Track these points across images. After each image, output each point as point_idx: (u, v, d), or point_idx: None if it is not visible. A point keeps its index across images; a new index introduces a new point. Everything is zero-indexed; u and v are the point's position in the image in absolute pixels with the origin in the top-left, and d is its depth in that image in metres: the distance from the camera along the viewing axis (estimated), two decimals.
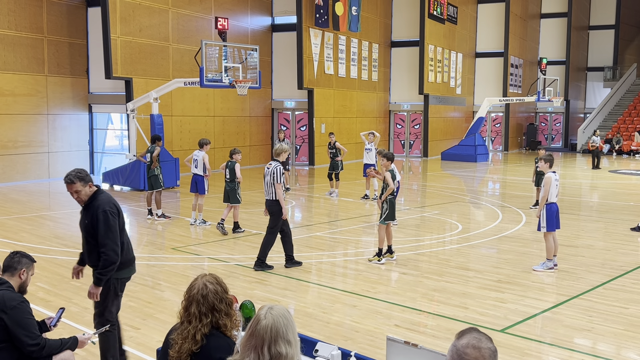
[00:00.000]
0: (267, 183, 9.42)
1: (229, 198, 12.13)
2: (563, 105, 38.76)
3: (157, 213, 13.58)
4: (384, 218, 9.71)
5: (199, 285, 3.36)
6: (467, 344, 2.31)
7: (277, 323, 2.70)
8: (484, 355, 2.29)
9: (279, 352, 2.68)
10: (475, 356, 2.28)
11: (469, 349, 2.30)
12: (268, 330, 2.69)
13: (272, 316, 2.72)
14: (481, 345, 2.31)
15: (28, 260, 4.64)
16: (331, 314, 7.35)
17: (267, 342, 2.68)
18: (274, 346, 2.68)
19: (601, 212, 15.72)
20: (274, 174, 9.29)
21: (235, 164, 12.08)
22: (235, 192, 12.08)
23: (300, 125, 27.57)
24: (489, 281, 8.79)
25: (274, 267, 9.38)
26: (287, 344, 2.70)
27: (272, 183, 9.31)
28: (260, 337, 2.69)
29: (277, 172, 9.29)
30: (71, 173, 5.06)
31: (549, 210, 9.38)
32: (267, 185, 9.41)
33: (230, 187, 12.11)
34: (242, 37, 24.64)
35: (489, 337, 2.38)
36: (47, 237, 11.68)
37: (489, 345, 2.33)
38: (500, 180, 23.54)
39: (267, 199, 9.42)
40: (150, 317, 7.19)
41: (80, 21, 21.37)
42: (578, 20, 40.88)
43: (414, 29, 31.10)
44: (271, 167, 9.35)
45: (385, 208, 9.71)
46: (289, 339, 2.71)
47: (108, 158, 22.62)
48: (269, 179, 9.37)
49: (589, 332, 6.85)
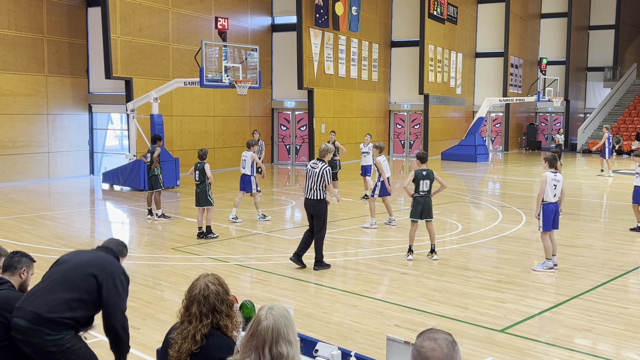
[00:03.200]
0: (313, 182, 9.28)
1: (200, 201, 11.62)
2: (563, 105, 38.75)
3: (157, 213, 13.58)
4: (410, 215, 10.14)
5: (200, 285, 3.36)
6: (424, 337, 2.38)
7: (278, 324, 2.70)
8: (441, 345, 2.33)
9: (280, 352, 2.68)
10: (432, 347, 2.33)
11: (425, 342, 2.35)
12: (269, 331, 2.68)
13: (272, 317, 2.72)
14: (437, 336, 2.36)
15: (28, 259, 4.64)
16: (331, 314, 7.35)
17: (268, 342, 2.68)
18: (276, 347, 2.68)
19: (601, 212, 15.73)
20: (324, 175, 9.23)
21: (205, 164, 11.64)
22: (207, 195, 11.62)
23: (300, 125, 27.57)
24: (489, 281, 8.79)
25: (331, 265, 9.50)
26: (288, 344, 2.70)
27: (320, 183, 9.24)
28: (261, 338, 2.69)
29: (326, 173, 9.24)
30: None
31: (545, 210, 9.33)
32: (313, 184, 9.28)
33: (201, 189, 11.61)
34: (242, 37, 24.64)
35: (447, 333, 2.42)
36: (47, 237, 11.68)
37: (446, 336, 2.38)
38: (500, 180, 23.54)
39: (310, 198, 9.32)
40: (150, 317, 7.19)
41: (80, 21, 21.36)
42: (578, 20, 40.87)
43: (414, 29, 31.10)
44: (319, 168, 9.28)
45: (411, 205, 10.15)
46: (290, 339, 2.71)
47: (108, 158, 22.62)
48: (316, 179, 9.25)
49: (589, 332, 6.85)
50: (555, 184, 9.37)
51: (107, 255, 4.54)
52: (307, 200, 9.39)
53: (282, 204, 16.65)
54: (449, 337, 2.38)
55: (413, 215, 10.03)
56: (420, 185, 10.01)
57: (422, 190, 10.00)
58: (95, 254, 4.55)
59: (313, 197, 9.29)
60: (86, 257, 4.50)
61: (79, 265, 4.38)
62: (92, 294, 4.27)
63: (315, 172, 9.26)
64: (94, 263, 4.40)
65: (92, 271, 4.31)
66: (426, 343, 2.34)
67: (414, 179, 10.00)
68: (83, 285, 4.26)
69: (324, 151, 9.41)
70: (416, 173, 10.00)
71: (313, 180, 9.28)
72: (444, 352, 2.32)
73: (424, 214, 10.00)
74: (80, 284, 4.26)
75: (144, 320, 7.06)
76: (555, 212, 9.41)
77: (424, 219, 10.04)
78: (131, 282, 4.77)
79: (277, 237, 11.90)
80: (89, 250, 4.71)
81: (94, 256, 4.51)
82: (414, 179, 10.00)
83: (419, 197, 10.00)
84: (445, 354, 2.31)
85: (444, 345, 2.33)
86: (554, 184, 9.35)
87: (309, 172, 9.37)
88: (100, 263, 4.41)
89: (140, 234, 12.68)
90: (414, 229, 10.03)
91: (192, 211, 14.58)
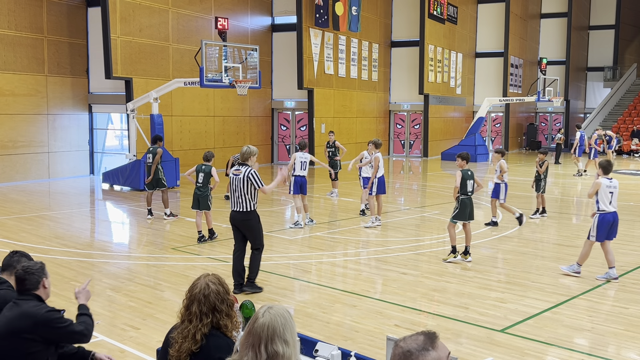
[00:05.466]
0: (240, 191, 8.07)
1: (200, 204, 11.26)
2: (563, 105, 38.74)
3: (165, 212, 13.58)
4: (453, 216, 9.82)
5: (201, 284, 3.37)
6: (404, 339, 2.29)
7: (274, 322, 2.69)
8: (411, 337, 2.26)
9: (276, 351, 2.66)
10: (403, 337, 2.28)
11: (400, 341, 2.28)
12: (265, 329, 2.68)
13: (270, 315, 2.71)
14: (406, 336, 2.29)
15: (27, 260, 4.63)
16: (331, 314, 7.35)
17: (264, 340, 2.67)
18: (271, 345, 2.66)
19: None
20: (251, 178, 8.03)
21: (212, 168, 11.36)
22: (208, 198, 11.30)
23: (300, 125, 27.57)
24: (489, 281, 8.79)
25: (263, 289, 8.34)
26: (284, 344, 2.68)
27: (248, 190, 8.07)
28: (257, 335, 2.68)
29: (253, 175, 8.04)
30: None
31: (602, 221, 8.71)
32: (239, 193, 8.09)
33: (202, 192, 11.26)
34: (242, 37, 24.64)
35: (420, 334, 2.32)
36: (47, 237, 11.67)
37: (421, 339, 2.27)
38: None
39: (237, 210, 8.13)
40: (150, 317, 7.19)
41: (80, 21, 21.36)
42: (578, 20, 40.86)
43: (414, 29, 31.10)
44: (242, 173, 8.09)
45: (456, 206, 9.81)
46: (287, 338, 2.69)
47: (108, 158, 22.62)
48: (242, 186, 8.04)
49: (589, 332, 6.85)
50: (611, 191, 8.76)
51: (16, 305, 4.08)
52: (235, 214, 8.13)
53: (282, 204, 16.65)
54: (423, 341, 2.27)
55: (461, 217, 9.74)
56: (467, 186, 9.74)
57: (469, 191, 9.79)
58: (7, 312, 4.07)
59: (241, 208, 8.05)
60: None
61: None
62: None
63: (240, 178, 8.02)
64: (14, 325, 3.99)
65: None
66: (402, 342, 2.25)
67: (462, 179, 9.72)
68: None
69: (247, 154, 8.20)
70: (463, 173, 9.74)
71: (239, 189, 8.04)
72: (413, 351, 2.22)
73: (471, 215, 9.84)
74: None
75: (144, 320, 7.05)
76: (613, 223, 8.78)
77: (469, 220, 9.86)
78: (131, 282, 4.76)
79: (277, 237, 11.90)
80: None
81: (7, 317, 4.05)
82: (462, 179, 9.72)
83: (466, 199, 9.74)
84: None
85: (415, 339, 2.25)
86: (610, 191, 8.74)
87: (233, 180, 8.12)
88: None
89: (140, 234, 12.67)
90: (455, 229, 9.83)
91: (192, 211, 14.58)
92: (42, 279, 4.22)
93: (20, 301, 4.09)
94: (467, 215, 9.79)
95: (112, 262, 9.88)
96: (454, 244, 9.81)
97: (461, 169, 9.85)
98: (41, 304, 4.13)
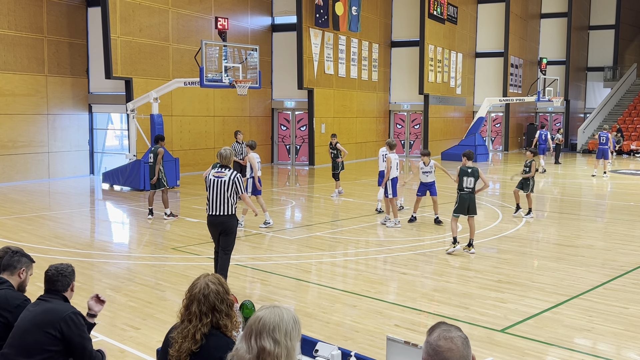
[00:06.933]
0: (222, 194, 7.85)
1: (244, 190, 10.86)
2: (563, 105, 38.75)
3: (165, 212, 13.58)
4: (453, 211, 10.48)
5: (201, 284, 3.37)
6: (439, 336, 2.38)
7: (267, 317, 2.67)
8: (457, 344, 2.35)
9: (263, 346, 2.63)
10: (448, 347, 2.35)
11: (441, 341, 2.36)
12: (256, 322, 2.67)
13: (267, 310, 2.70)
14: (452, 335, 2.38)
15: (27, 260, 4.63)
16: (331, 314, 7.35)
17: (254, 332, 2.66)
18: (259, 339, 2.63)
19: (601, 212, 15.72)
20: (236, 183, 7.86)
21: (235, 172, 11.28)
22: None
23: (300, 125, 27.57)
24: (489, 281, 8.79)
25: None
26: (272, 342, 2.63)
27: (231, 194, 7.90)
28: (249, 327, 2.69)
29: (238, 180, 7.89)
30: None
31: None
32: (222, 196, 7.87)
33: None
34: (242, 37, 24.64)
35: (457, 327, 2.45)
36: (47, 237, 11.67)
37: (459, 333, 2.40)
38: (500, 180, 23.53)
39: (218, 214, 7.92)
40: (150, 317, 7.19)
41: (80, 21, 21.36)
42: (578, 20, 40.87)
43: (414, 29, 31.10)
44: (228, 176, 7.87)
45: (455, 201, 10.47)
46: (276, 337, 2.64)
47: (108, 158, 22.62)
48: (225, 189, 7.83)
49: (589, 332, 6.85)
50: None
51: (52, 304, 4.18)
52: (215, 217, 7.91)
53: (282, 204, 16.65)
54: (462, 334, 2.40)
55: (459, 211, 10.35)
56: (463, 182, 10.33)
57: (467, 187, 10.34)
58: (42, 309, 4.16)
59: (223, 212, 7.85)
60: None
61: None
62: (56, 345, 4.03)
63: (224, 180, 7.80)
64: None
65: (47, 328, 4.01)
66: (442, 342, 2.35)
67: (458, 175, 10.38)
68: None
69: (230, 156, 7.99)
70: (461, 169, 10.38)
71: (222, 192, 7.82)
72: (461, 351, 2.34)
73: (470, 210, 10.36)
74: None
75: (144, 320, 7.05)
76: None
77: (469, 215, 10.38)
78: (131, 282, 4.77)
79: (277, 237, 11.90)
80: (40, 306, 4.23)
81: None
82: (458, 174, 10.38)
83: (464, 194, 10.33)
84: (461, 354, 2.33)
85: (459, 343, 2.36)
86: None
87: (214, 182, 7.85)
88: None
89: (140, 234, 12.68)
90: (456, 222, 10.42)
91: (192, 211, 14.60)
92: (72, 282, 4.38)
93: (49, 298, 4.21)
94: (467, 210, 10.35)
95: (112, 262, 9.88)
96: (454, 235, 10.34)
97: (462, 166, 10.45)
98: (68, 304, 4.26)
